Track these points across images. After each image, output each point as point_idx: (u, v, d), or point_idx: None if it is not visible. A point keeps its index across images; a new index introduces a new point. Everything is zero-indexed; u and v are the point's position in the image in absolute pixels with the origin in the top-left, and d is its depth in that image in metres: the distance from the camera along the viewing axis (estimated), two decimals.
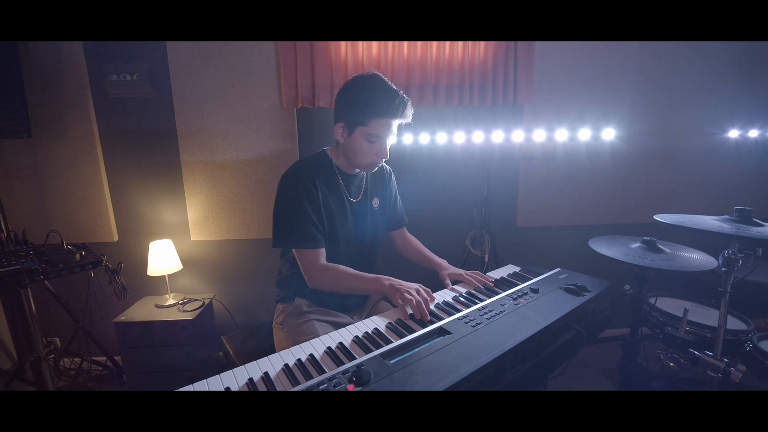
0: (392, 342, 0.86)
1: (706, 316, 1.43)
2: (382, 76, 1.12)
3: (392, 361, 0.77)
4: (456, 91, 1.93)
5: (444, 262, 1.35)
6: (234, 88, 1.92)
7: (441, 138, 1.87)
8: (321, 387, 0.69)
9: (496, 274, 1.32)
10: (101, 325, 2.02)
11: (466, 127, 1.86)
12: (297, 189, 1.11)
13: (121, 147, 1.97)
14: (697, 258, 1.14)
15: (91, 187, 1.96)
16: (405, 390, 0.67)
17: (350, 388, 0.68)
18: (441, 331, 0.89)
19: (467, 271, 1.26)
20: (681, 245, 1.24)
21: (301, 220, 1.10)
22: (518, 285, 1.16)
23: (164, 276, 1.98)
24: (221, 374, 0.77)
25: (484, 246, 1.99)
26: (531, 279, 1.23)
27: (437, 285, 1.23)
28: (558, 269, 1.28)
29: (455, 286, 1.23)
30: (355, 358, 0.80)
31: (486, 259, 1.96)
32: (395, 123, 1.12)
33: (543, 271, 1.28)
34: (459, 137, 1.83)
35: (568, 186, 2.17)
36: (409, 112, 1.13)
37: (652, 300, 1.38)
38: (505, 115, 2.08)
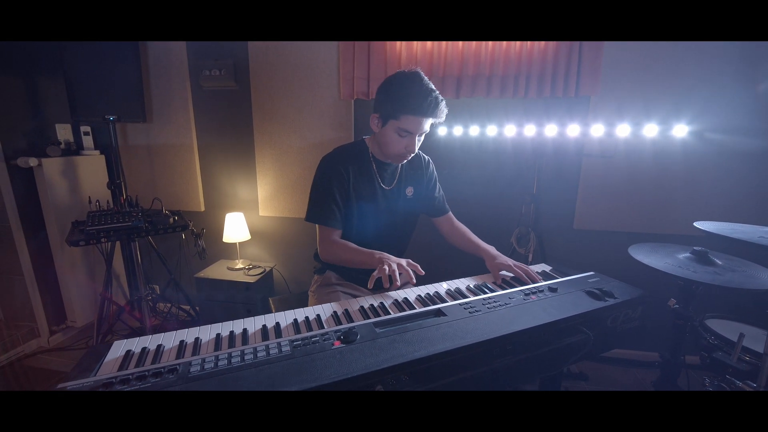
0: (390, 314, 0.94)
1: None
2: (422, 74, 1.13)
3: (381, 330, 0.85)
4: (511, 82, 1.86)
5: (492, 250, 1.30)
6: (300, 82, 2.13)
7: (491, 131, 1.84)
8: (314, 339, 0.80)
9: None
10: (187, 279, 2.44)
11: (517, 120, 1.80)
12: (329, 172, 1.24)
13: (210, 131, 2.33)
14: (759, 275, 0.98)
15: (186, 164, 2.37)
16: (382, 353, 0.75)
17: (336, 344, 0.79)
18: (437, 312, 0.94)
19: (516, 263, 1.22)
20: (744, 260, 1.07)
21: (326, 200, 1.22)
22: (538, 282, 1.14)
23: (236, 243, 2.31)
24: (244, 319, 0.95)
25: (529, 245, 1.92)
26: (557, 279, 1.18)
27: (469, 272, 1.25)
28: (591, 273, 1.20)
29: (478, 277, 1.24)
30: (353, 323, 0.90)
31: (530, 258, 1.89)
32: (426, 121, 1.14)
33: (575, 273, 1.22)
34: (510, 130, 1.77)
35: (633, 187, 1.95)
36: (442, 112, 1.14)
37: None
38: (560, 109, 1.93)
